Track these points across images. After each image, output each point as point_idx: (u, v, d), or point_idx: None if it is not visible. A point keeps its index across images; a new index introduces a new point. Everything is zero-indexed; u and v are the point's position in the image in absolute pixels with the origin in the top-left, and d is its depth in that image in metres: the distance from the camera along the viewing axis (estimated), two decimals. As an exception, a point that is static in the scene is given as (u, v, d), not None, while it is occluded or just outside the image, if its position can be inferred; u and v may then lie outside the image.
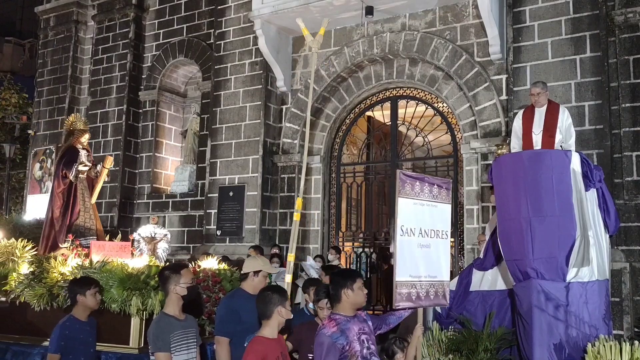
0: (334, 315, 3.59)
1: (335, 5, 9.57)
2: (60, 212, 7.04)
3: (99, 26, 13.44)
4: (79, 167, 7.14)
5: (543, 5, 8.21)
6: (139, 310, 5.25)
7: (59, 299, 5.61)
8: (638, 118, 7.84)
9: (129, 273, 5.49)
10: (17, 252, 6.37)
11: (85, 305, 4.36)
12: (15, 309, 6.07)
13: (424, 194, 4.49)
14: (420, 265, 4.40)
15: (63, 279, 5.69)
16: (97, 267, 5.66)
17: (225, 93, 11.00)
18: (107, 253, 6.29)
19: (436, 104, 9.91)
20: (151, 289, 5.32)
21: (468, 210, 8.92)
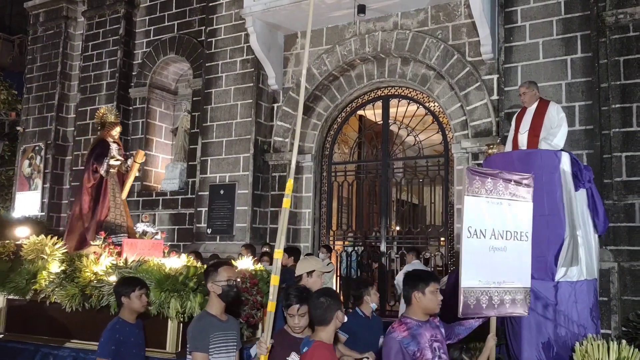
0: (405, 319, 3.37)
1: (327, 3, 9.55)
2: (90, 208, 6.70)
3: (89, 22, 13.33)
4: (110, 162, 6.80)
5: (534, 5, 8.24)
6: (177, 313, 4.96)
7: (92, 300, 5.33)
8: (628, 119, 7.88)
9: (167, 273, 5.18)
10: (47, 250, 6.01)
11: (130, 308, 4.12)
12: (45, 308, 5.80)
13: (498, 191, 4.10)
14: (493, 270, 4.02)
15: (96, 278, 5.43)
16: (132, 266, 5.37)
17: (216, 91, 10.95)
18: (140, 252, 6.01)
19: (427, 104, 9.92)
20: (190, 291, 5.02)
21: (458, 209, 8.93)
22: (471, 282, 3.87)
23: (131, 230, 6.85)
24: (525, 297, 4.17)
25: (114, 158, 6.83)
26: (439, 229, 10.06)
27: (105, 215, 6.69)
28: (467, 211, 3.92)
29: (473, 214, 3.94)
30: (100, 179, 6.78)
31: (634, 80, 7.89)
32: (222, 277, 3.68)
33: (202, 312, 3.77)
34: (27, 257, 6.07)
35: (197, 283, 5.00)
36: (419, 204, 10.67)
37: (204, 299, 4.80)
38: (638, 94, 7.87)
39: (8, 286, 5.99)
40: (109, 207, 6.74)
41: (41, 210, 13.14)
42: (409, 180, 10.48)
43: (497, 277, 4.02)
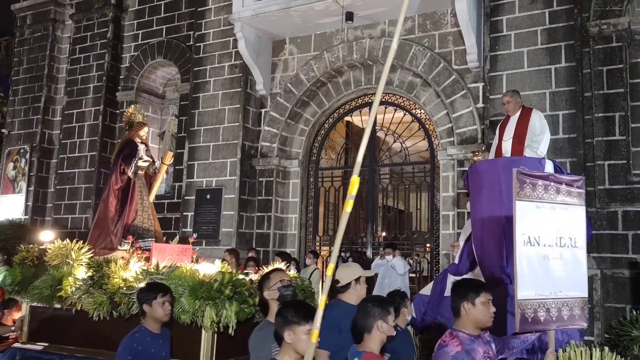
0: (456, 332, 3.11)
1: (316, 10, 9.60)
2: (117, 211, 6.40)
3: (76, 25, 13.27)
4: (138, 163, 6.52)
5: (520, 15, 8.35)
6: (212, 322, 4.63)
7: (121, 308, 5.01)
8: (610, 128, 8.00)
9: (201, 280, 4.86)
10: (73, 254, 5.68)
11: (152, 316, 3.84)
12: (71, 317, 5.48)
13: (550, 194, 3.82)
14: (549, 279, 3.74)
15: (126, 285, 5.11)
16: (164, 272, 5.02)
17: (204, 95, 10.95)
18: (168, 256, 5.69)
19: (414, 110, 10.00)
20: (225, 299, 4.69)
21: (444, 216, 9.00)
22: (527, 293, 3.61)
23: (159, 235, 6.60)
24: (583, 307, 3.87)
25: (142, 159, 6.56)
26: (424, 235, 10.12)
27: (132, 218, 6.41)
28: (519, 217, 3.65)
29: (525, 220, 3.69)
30: (128, 181, 6.49)
31: (616, 90, 8.03)
32: (274, 281, 3.55)
33: (263, 321, 3.52)
34: (51, 263, 5.76)
35: (233, 290, 4.73)
36: (405, 210, 10.73)
37: (239, 308, 4.62)
38: (620, 104, 8.00)
39: (32, 293, 5.68)
40: (137, 210, 6.46)
41: (25, 214, 13.03)
42: (395, 187, 10.54)
43: (554, 288, 3.74)
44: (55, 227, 12.45)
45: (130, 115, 6.89)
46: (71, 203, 12.39)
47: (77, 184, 12.40)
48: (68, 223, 12.31)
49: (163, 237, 6.56)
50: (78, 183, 12.40)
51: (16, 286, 5.86)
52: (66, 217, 12.38)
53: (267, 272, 3.68)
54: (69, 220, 12.33)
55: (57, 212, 12.58)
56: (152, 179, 6.77)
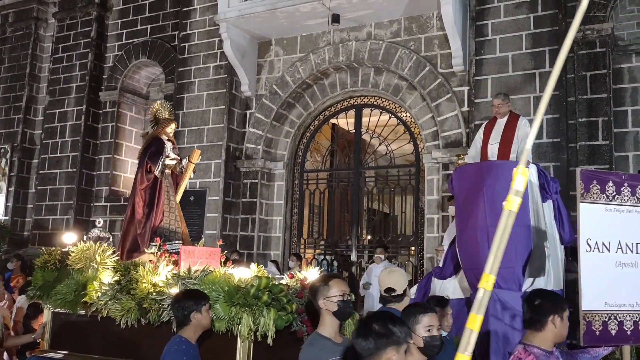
0: (531, 348, 2.88)
1: (302, 11, 9.57)
2: (144, 212, 6.02)
3: (59, 24, 13.11)
4: (165, 161, 6.14)
5: (505, 19, 8.39)
6: (249, 331, 4.29)
7: (150, 314, 4.66)
8: (594, 132, 8.06)
9: (237, 285, 4.51)
10: (97, 258, 5.32)
11: (199, 325, 3.60)
12: (96, 324, 5.11)
13: (623, 196, 3.48)
14: (622, 289, 3.40)
15: (155, 290, 4.76)
16: (197, 277, 4.67)
17: (188, 96, 10.86)
18: (197, 260, 5.35)
19: (400, 113, 10.00)
20: (263, 306, 4.34)
21: (429, 219, 9.00)
22: (594, 304, 3.30)
23: (186, 237, 6.24)
24: None
25: (169, 157, 6.19)
26: (409, 238, 10.12)
27: (160, 220, 6.02)
28: (584, 221, 3.37)
29: (592, 224, 3.39)
30: (154, 181, 6.12)
31: (599, 95, 8.09)
32: (335, 291, 3.16)
33: (314, 334, 3.20)
34: (74, 266, 5.41)
35: (271, 297, 4.37)
36: (390, 213, 10.72)
37: (277, 315, 4.29)
38: (604, 109, 8.07)
39: (54, 298, 5.32)
40: (164, 211, 6.07)
41: (5, 214, 12.83)
42: (381, 189, 10.53)
43: (628, 298, 3.40)
44: (36, 228, 12.29)
45: (156, 111, 6.51)
46: (52, 204, 12.22)
47: (58, 185, 12.24)
48: (49, 224, 12.14)
49: (190, 240, 6.24)
50: (59, 184, 12.24)
51: (37, 291, 5.49)
52: (47, 218, 12.21)
53: (325, 278, 3.32)
54: (49, 222, 12.16)
55: (37, 213, 12.40)
56: (178, 178, 6.42)
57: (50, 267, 5.68)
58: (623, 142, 8.34)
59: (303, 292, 4.36)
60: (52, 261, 5.73)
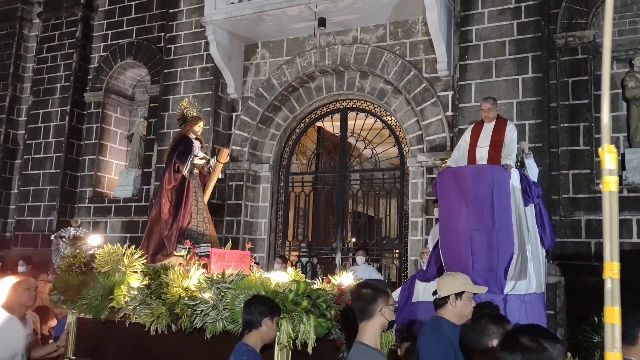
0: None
1: (289, 15, 9.61)
2: (170, 213, 5.82)
3: (44, 24, 13.02)
4: (194, 161, 5.95)
5: (489, 25, 8.50)
6: (289, 339, 4.03)
7: (182, 321, 4.41)
8: (575, 138, 8.19)
9: (274, 290, 4.26)
10: (125, 260, 5.07)
11: (266, 333, 3.43)
12: (123, 330, 4.84)
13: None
14: None
15: (187, 295, 4.51)
16: (232, 281, 4.41)
17: (174, 97, 10.83)
18: (227, 263, 5.16)
19: (385, 117, 10.07)
20: (302, 312, 4.09)
21: (413, 222, 9.07)
22: None
23: (214, 239, 6.05)
24: None
25: (197, 156, 6.00)
26: (393, 241, 10.18)
27: (187, 221, 5.83)
28: None
29: None
30: (182, 181, 5.93)
31: (581, 101, 8.23)
32: (392, 300, 3.02)
33: (359, 344, 2.93)
34: (101, 270, 5.13)
35: (311, 303, 4.13)
36: (375, 216, 10.77)
37: (317, 322, 4.07)
38: (585, 114, 8.20)
39: (80, 303, 5.05)
40: (192, 212, 5.89)
41: (-13, 215, 12.69)
42: (365, 193, 10.58)
43: None
44: (18, 229, 12.17)
45: (183, 109, 6.31)
46: (35, 205, 12.11)
47: (41, 186, 12.14)
48: (32, 225, 12.03)
49: (219, 242, 6.00)
50: (43, 185, 12.14)
51: (62, 295, 5.24)
52: (30, 219, 12.10)
53: (384, 286, 3.12)
54: (32, 223, 12.05)
55: (20, 214, 12.28)
56: (206, 178, 6.20)
57: (75, 270, 5.38)
58: (604, 148, 8.46)
59: (341, 298, 4.20)
60: (77, 264, 5.44)
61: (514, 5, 8.39)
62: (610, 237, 1.91)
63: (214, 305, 4.17)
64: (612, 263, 1.92)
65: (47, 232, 11.78)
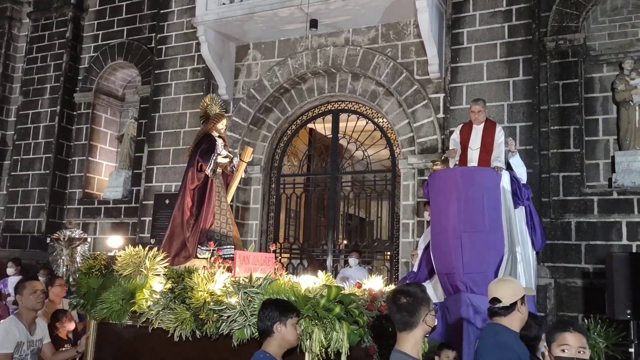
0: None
1: (280, 16, 9.59)
2: (192, 214, 5.64)
3: (34, 24, 12.93)
4: (218, 159, 5.75)
5: (480, 28, 8.52)
6: (321, 347, 3.80)
7: (208, 326, 4.21)
8: (565, 140, 8.23)
9: (305, 295, 4.03)
10: (147, 263, 4.86)
11: (283, 339, 3.23)
12: (145, 336, 4.63)
13: None
14: None
15: (213, 299, 4.30)
16: (259, 285, 4.18)
17: (165, 98, 10.79)
18: (252, 266, 4.99)
19: (376, 119, 10.07)
20: (335, 319, 3.86)
21: (404, 224, 9.07)
22: None
23: (238, 241, 5.84)
24: None
25: (221, 155, 5.80)
26: (385, 243, 10.17)
27: (210, 223, 5.64)
28: None
29: None
30: (205, 180, 5.73)
31: (571, 104, 8.27)
32: (432, 304, 2.87)
33: (400, 354, 2.75)
34: (122, 272, 4.94)
35: (344, 309, 3.91)
36: (366, 218, 10.77)
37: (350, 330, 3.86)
38: (575, 117, 8.24)
39: (100, 307, 4.83)
40: (214, 213, 5.69)
41: (-25, 217, 12.57)
42: (357, 194, 10.57)
43: None
44: (7, 230, 12.06)
45: (206, 107, 6.11)
46: (24, 206, 12.01)
47: (30, 187, 12.04)
48: (20, 227, 11.93)
49: (242, 245, 5.82)
50: (32, 186, 12.04)
51: (81, 299, 5.07)
52: (18, 220, 12.00)
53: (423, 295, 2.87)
54: (21, 224, 11.95)
55: (9, 215, 12.18)
56: (228, 178, 6.02)
57: (95, 273, 5.18)
58: (594, 150, 8.52)
59: (373, 304, 4.04)
60: (98, 267, 5.22)
61: (505, 8, 8.43)
62: None
63: (241, 310, 3.98)
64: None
65: (36, 234, 11.70)
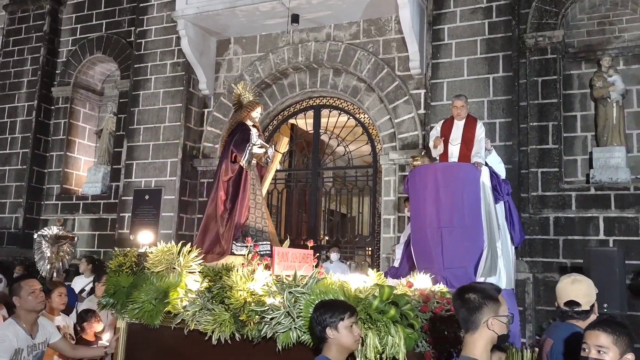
0: None
1: (262, 10, 9.54)
2: (227, 208, 5.31)
3: (10, 17, 12.70)
4: (253, 150, 5.43)
5: (460, 24, 8.56)
6: (376, 353, 3.46)
7: (249, 329, 3.88)
8: (544, 136, 8.30)
9: (356, 296, 3.70)
10: (181, 260, 4.55)
11: (338, 344, 2.96)
12: (180, 338, 4.27)
13: None
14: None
15: (254, 300, 3.97)
16: (304, 284, 3.84)
17: (144, 93, 10.67)
18: (291, 264, 4.72)
19: (358, 115, 10.07)
20: (389, 322, 3.53)
21: (385, 219, 9.09)
22: None
23: (273, 237, 5.53)
24: None
25: (256, 145, 5.49)
26: (366, 238, 10.19)
27: (245, 217, 5.31)
28: None
29: None
30: (239, 172, 5.41)
31: (550, 100, 8.35)
32: (504, 309, 2.56)
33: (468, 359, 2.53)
34: (154, 270, 4.64)
35: (399, 311, 3.60)
36: (348, 213, 10.78)
37: (405, 333, 3.55)
38: (554, 113, 8.32)
39: (131, 307, 4.50)
40: (249, 207, 5.36)
41: (-51, 213, 12.32)
42: (338, 190, 10.58)
43: None
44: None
45: (239, 95, 5.78)
46: (1, 202, 11.82)
47: (7, 182, 11.85)
48: (-4, 223, 11.75)
49: (278, 240, 5.54)
50: (9, 181, 11.85)
51: (110, 298, 4.74)
52: (-5, 216, 11.81)
53: (493, 292, 2.61)
54: (-3, 220, 11.77)
55: (-16, 211, 11.98)
56: (262, 170, 5.73)
57: (125, 270, 4.83)
58: (572, 147, 8.62)
59: (427, 305, 3.79)
60: (128, 264, 4.87)
61: (486, 5, 8.47)
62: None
63: (287, 312, 3.69)
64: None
65: (13, 230, 11.52)
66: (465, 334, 2.56)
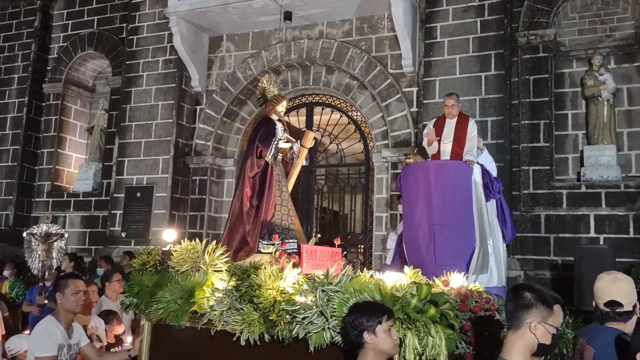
0: None
1: (254, 7, 9.51)
2: (252, 205, 5.18)
3: (1, 13, 12.62)
4: (279, 145, 5.29)
5: (453, 23, 8.58)
6: (416, 355, 3.34)
7: (279, 329, 3.73)
8: (535, 135, 8.34)
9: (393, 294, 3.52)
10: (207, 258, 4.40)
11: (376, 349, 2.81)
12: (208, 339, 4.11)
13: None
14: None
15: (284, 299, 3.83)
16: (337, 282, 3.67)
17: (136, 90, 10.62)
18: (320, 262, 4.58)
19: (350, 113, 10.07)
20: (429, 322, 3.38)
21: (377, 217, 9.11)
22: None
23: (300, 235, 5.41)
24: None
25: (282, 140, 5.34)
26: (358, 236, 10.21)
27: (271, 214, 5.19)
28: None
29: None
30: (264, 168, 5.26)
31: (542, 99, 8.38)
32: (556, 320, 2.33)
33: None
34: (179, 269, 4.48)
35: (439, 311, 3.44)
36: (340, 211, 10.79)
37: (446, 334, 3.40)
38: (545, 112, 8.36)
39: (156, 307, 4.32)
40: (275, 204, 5.24)
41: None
42: (331, 188, 10.58)
43: None
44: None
45: (264, 89, 5.65)
46: (-11, 199, 11.76)
47: (-3, 179, 11.79)
48: (-13, 220, 11.68)
49: (304, 238, 5.40)
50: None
51: (134, 298, 4.60)
52: (-15, 213, 11.74)
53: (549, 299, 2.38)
54: (-13, 217, 11.70)
55: (-26, 208, 11.90)
56: (288, 166, 5.59)
57: (149, 269, 4.68)
58: (563, 145, 8.66)
59: (466, 305, 3.66)
60: (152, 262, 4.71)
61: (478, 3, 8.50)
62: None
63: (320, 311, 3.55)
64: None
65: (3, 227, 11.45)
66: (508, 330, 2.43)
